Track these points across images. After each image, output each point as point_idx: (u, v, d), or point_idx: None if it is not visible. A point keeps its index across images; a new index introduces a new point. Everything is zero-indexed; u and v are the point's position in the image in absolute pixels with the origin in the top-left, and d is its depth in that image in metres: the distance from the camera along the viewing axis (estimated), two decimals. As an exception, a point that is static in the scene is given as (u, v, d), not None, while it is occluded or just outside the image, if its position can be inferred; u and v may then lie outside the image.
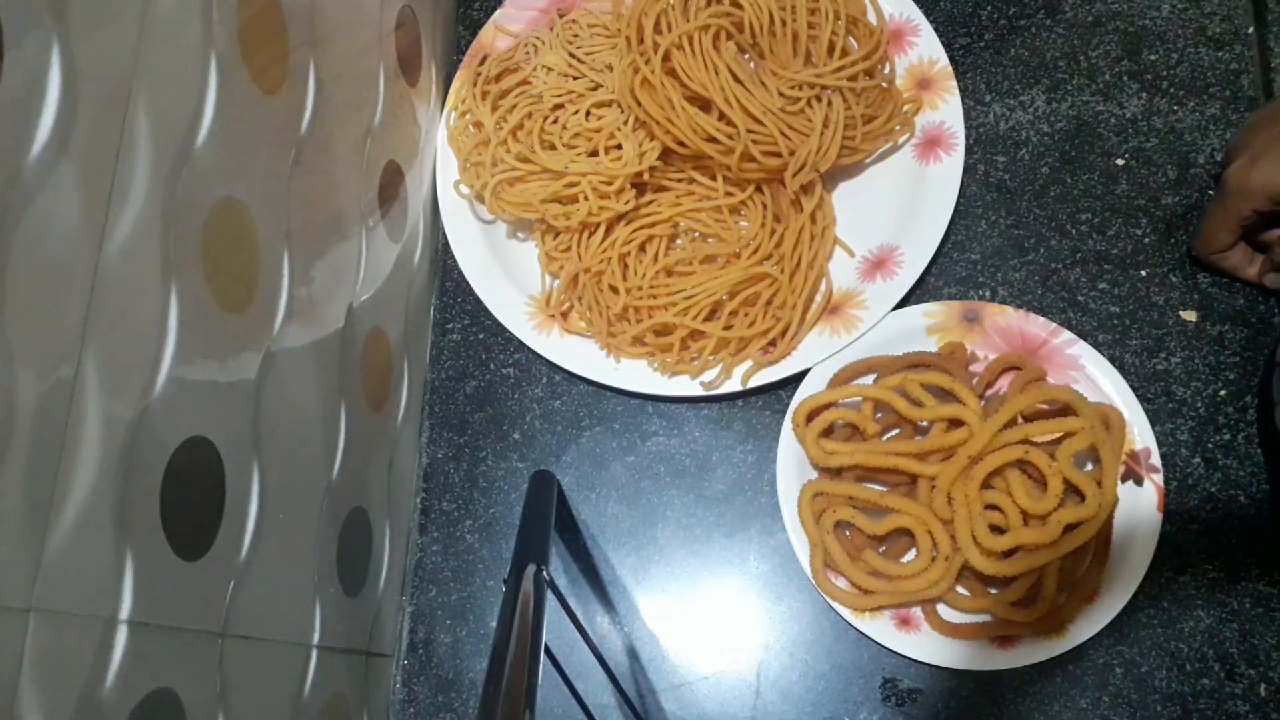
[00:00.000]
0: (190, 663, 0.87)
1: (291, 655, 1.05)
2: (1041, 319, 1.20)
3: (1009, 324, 1.21)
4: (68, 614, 0.72)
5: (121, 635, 0.77)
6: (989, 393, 1.20)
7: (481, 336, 1.38)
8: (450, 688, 1.28)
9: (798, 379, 1.24)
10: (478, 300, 1.36)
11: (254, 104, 0.97)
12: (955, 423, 1.14)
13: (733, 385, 1.26)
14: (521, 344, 1.34)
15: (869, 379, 1.22)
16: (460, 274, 1.38)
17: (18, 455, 0.67)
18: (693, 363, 1.26)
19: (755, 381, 1.25)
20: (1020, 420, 1.13)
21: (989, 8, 1.35)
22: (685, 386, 1.27)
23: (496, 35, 1.46)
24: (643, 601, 1.26)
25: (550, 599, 1.01)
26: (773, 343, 1.26)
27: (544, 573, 1.02)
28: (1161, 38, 1.30)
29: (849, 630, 1.18)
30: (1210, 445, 1.17)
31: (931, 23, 1.32)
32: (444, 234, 1.41)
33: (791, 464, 1.22)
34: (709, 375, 1.26)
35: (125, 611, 0.78)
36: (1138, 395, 1.17)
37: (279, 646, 1.02)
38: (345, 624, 1.15)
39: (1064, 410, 1.13)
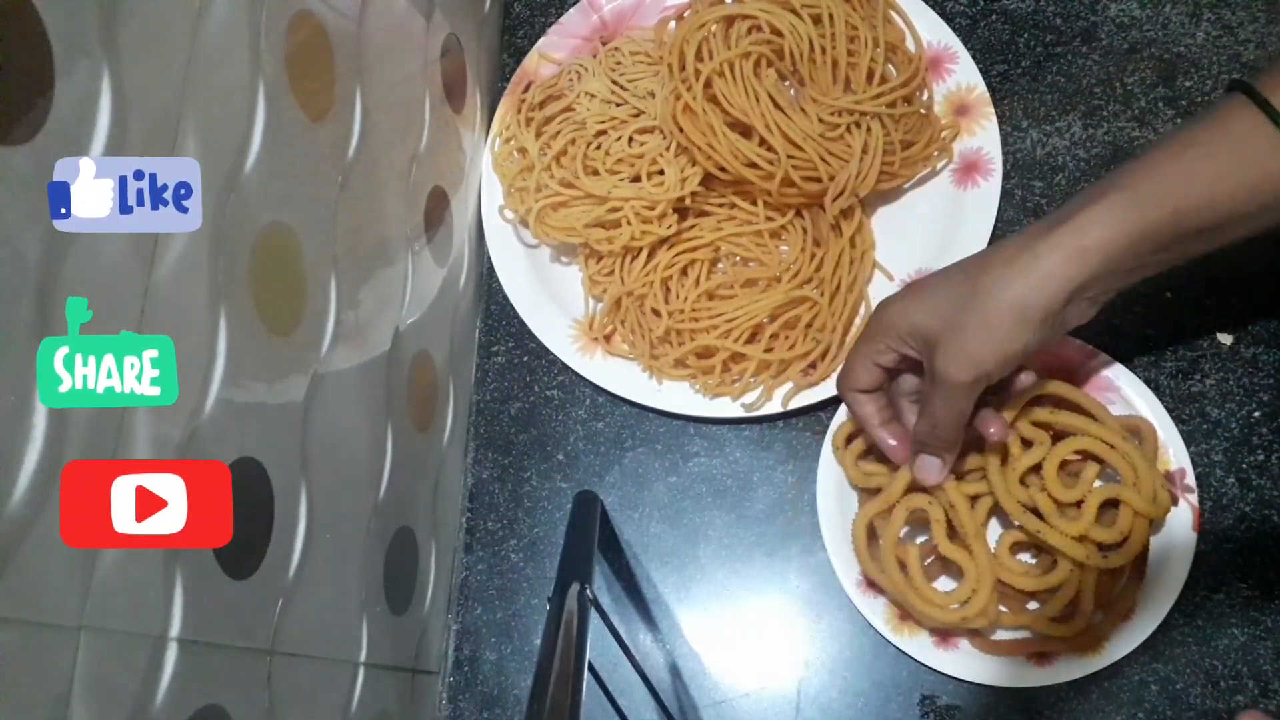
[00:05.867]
0: (239, 680, 0.87)
1: (339, 672, 1.06)
2: (1077, 341, 1.19)
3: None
4: (118, 632, 0.73)
5: (171, 653, 0.78)
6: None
7: (526, 359, 1.40)
8: (495, 704, 1.29)
9: (838, 400, 1.24)
10: (522, 323, 1.37)
11: (301, 130, 0.98)
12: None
13: (774, 407, 1.27)
14: (565, 366, 1.35)
15: None
16: (505, 297, 1.39)
17: (71, 475, 0.68)
18: (734, 385, 1.27)
19: (796, 403, 1.27)
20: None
21: (1026, 35, 1.36)
22: (727, 408, 1.28)
23: (540, 63, 1.47)
24: (685, 619, 1.27)
25: (593, 617, 1.02)
26: (813, 365, 1.27)
27: (587, 591, 1.02)
28: (1196, 64, 1.31)
29: (888, 647, 1.19)
30: (1244, 466, 1.18)
31: (969, 50, 1.33)
32: (489, 258, 1.42)
33: (832, 485, 1.22)
34: (750, 397, 1.27)
35: (175, 629, 0.78)
36: (1173, 416, 1.17)
37: (327, 664, 1.03)
38: (392, 642, 1.16)
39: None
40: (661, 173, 1.29)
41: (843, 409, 1.23)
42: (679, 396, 1.30)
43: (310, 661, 0.99)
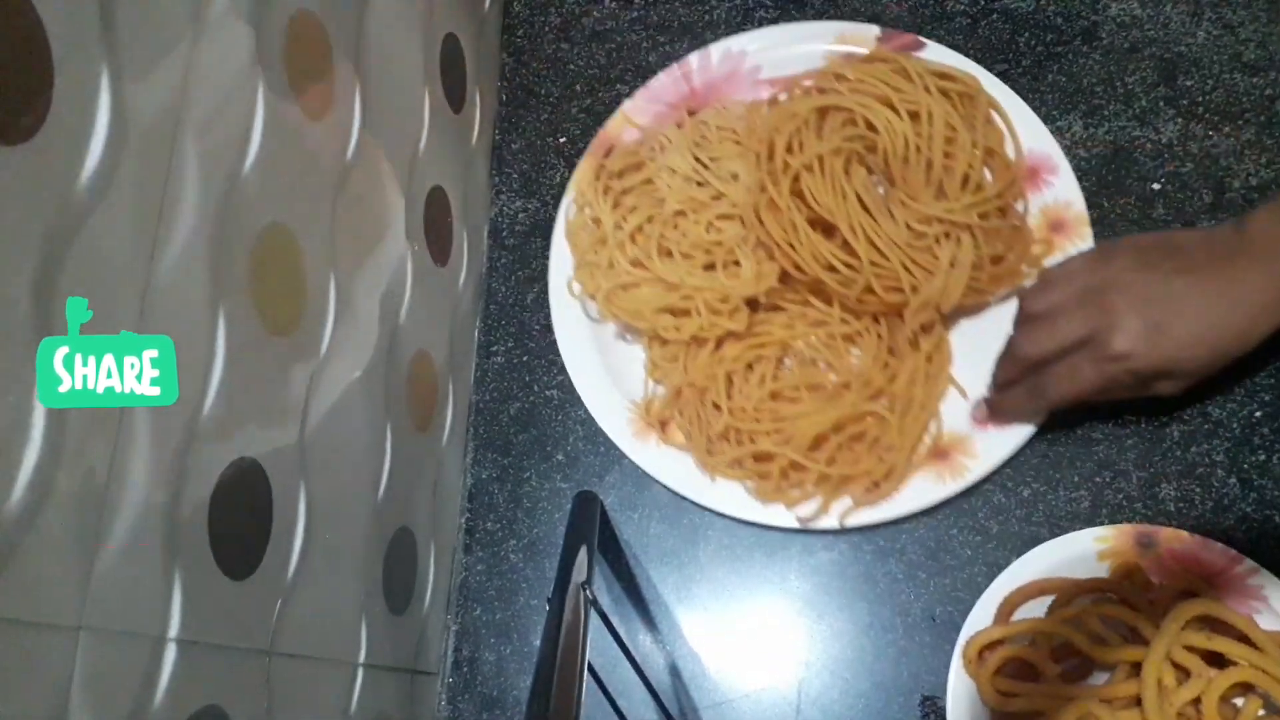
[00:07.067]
0: (238, 680, 0.87)
1: (338, 673, 1.06)
2: (1220, 545, 1.13)
3: (1185, 550, 1.14)
4: (117, 632, 0.72)
5: (170, 653, 0.78)
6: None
7: (525, 359, 1.40)
8: (494, 705, 1.29)
9: (898, 521, 1.22)
10: (521, 324, 1.38)
11: (300, 130, 0.98)
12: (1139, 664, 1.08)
13: (830, 522, 1.22)
14: (564, 366, 1.35)
15: (1041, 602, 1.16)
16: (504, 297, 1.40)
17: (68, 475, 0.67)
18: (790, 493, 1.23)
19: (854, 521, 1.22)
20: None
21: (1027, 35, 1.36)
22: (780, 516, 1.24)
23: (624, 126, 1.44)
24: (684, 620, 1.27)
25: (593, 618, 1.02)
26: (876, 483, 1.22)
27: (587, 592, 1.02)
28: (1197, 64, 1.31)
29: (889, 648, 1.19)
30: (1246, 466, 1.18)
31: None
32: (488, 258, 1.42)
33: (964, 698, 1.14)
34: (806, 509, 1.23)
35: (174, 630, 0.78)
36: (1173, 416, 1.17)
37: (326, 664, 1.03)
38: (391, 642, 1.16)
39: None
40: (738, 263, 1.26)
41: (972, 617, 1.16)
42: (732, 497, 1.26)
43: (309, 662, 0.99)
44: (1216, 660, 1.06)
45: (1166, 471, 1.19)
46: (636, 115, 1.44)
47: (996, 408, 1.20)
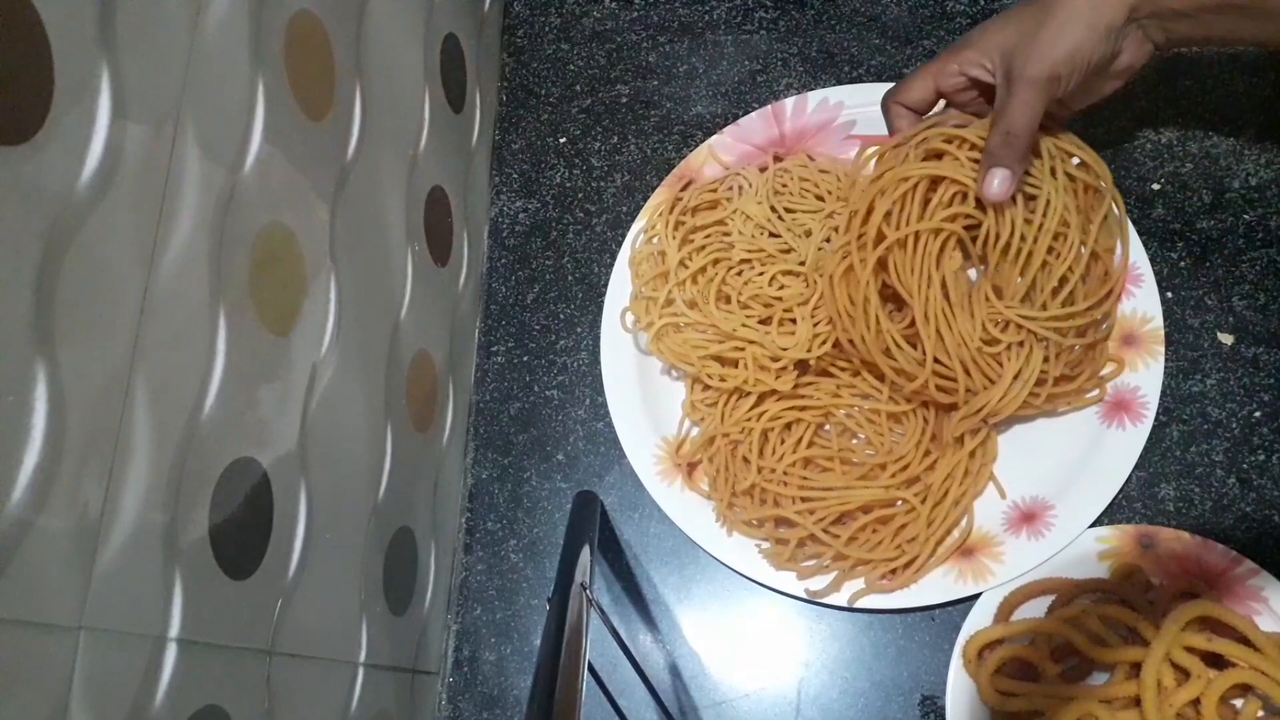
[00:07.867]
0: (239, 680, 0.87)
1: (338, 673, 1.06)
2: (1220, 547, 1.13)
3: (1186, 551, 1.14)
4: (118, 632, 0.72)
5: (171, 653, 0.78)
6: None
7: (525, 359, 1.40)
8: (494, 705, 1.29)
9: (912, 610, 1.20)
10: (521, 323, 1.38)
11: (300, 130, 0.98)
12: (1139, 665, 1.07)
13: (839, 599, 1.21)
14: (565, 366, 1.36)
15: (1041, 601, 1.17)
16: (504, 297, 1.40)
17: (68, 475, 0.67)
18: (804, 564, 1.22)
19: (864, 604, 1.20)
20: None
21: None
22: (789, 583, 1.22)
23: (707, 160, 1.41)
24: (684, 620, 1.27)
25: (593, 617, 1.02)
26: (893, 571, 1.19)
27: (587, 592, 1.02)
28: (1196, 64, 1.31)
29: (888, 648, 1.19)
30: (1245, 466, 1.18)
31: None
32: (488, 258, 1.42)
33: (963, 700, 1.15)
34: (816, 583, 1.21)
35: (174, 630, 0.78)
36: (1173, 416, 1.17)
37: (326, 664, 1.03)
38: (391, 642, 1.16)
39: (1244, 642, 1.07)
40: (794, 321, 1.24)
41: (973, 615, 1.17)
42: (744, 554, 1.24)
43: (310, 662, 0.99)
44: (1216, 661, 1.07)
45: (1166, 471, 1.19)
46: (722, 152, 1.41)
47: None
